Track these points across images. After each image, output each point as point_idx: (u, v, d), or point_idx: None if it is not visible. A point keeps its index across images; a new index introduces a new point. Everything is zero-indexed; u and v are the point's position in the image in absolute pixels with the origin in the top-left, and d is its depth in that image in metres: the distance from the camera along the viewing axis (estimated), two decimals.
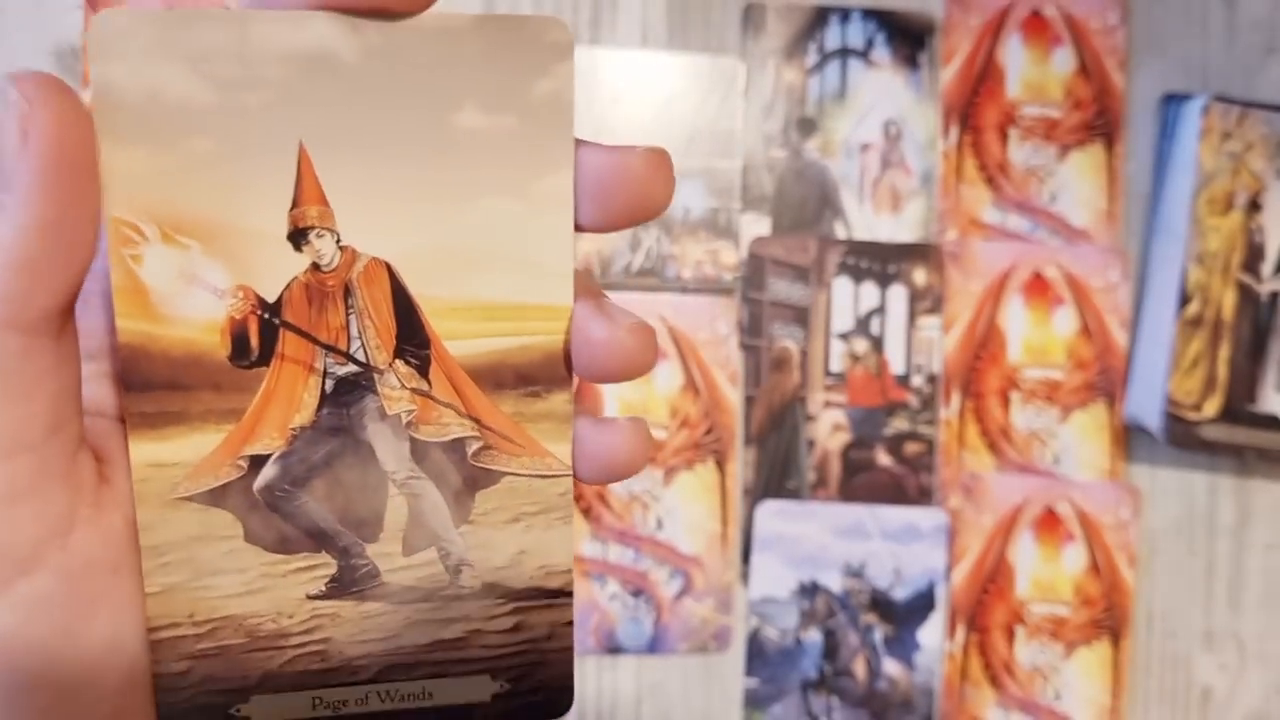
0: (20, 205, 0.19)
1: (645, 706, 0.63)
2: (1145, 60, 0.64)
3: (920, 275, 0.63)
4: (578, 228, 0.23)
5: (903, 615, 0.63)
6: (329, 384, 0.23)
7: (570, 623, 0.25)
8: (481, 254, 0.23)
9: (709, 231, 0.62)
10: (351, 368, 0.23)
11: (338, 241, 0.22)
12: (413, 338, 0.23)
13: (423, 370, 0.23)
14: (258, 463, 0.23)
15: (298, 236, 0.22)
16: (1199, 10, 0.64)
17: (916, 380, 0.64)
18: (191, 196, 0.21)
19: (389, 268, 0.23)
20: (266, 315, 0.22)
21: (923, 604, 0.63)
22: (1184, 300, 0.61)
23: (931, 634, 0.64)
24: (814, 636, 0.63)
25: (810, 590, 0.63)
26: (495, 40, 0.22)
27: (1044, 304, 0.64)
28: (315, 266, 0.22)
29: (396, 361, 0.23)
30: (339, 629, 0.24)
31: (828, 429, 0.63)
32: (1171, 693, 0.66)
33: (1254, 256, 0.62)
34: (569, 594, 0.25)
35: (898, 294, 0.63)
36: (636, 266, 0.62)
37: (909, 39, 0.63)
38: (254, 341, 0.22)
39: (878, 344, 0.63)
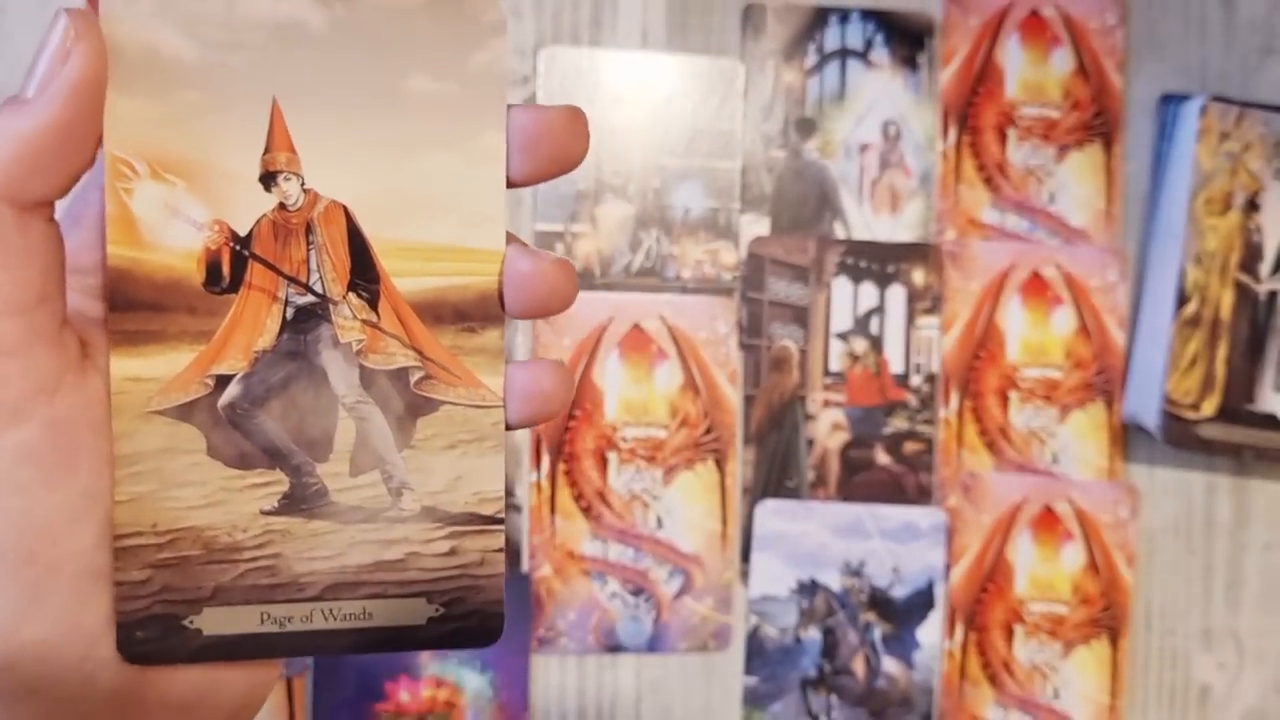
0: (44, 107, 0.22)
1: (645, 705, 0.63)
2: (1143, 61, 0.65)
3: (919, 275, 0.63)
4: (510, 181, 0.26)
5: (902, 614, 0.64)
6: (289, 312, 0.26)
7: (501, 550, 0.27)
8: (425, 201, 0.26)
9: (709, 231, 0.62)
10: (310, 298, 0.26)
11: (302, 185, 0.25)
12: (364, 273, 0.26)
13: (372, 303, 0.26)
14: (223, 382, 0.25)
15: (268, 179, 0.25)
16: (1197, 11, 0.65)
17: (915, 380, 0.64)
18: (179, 140, 0.24)
19: (346, 210, 0.25)
20: (238, 247, 0.25)
21: (922, 602, 0.64)
22: (1182, 300, 0.61)
23: (930, 632, 0.64)
24: (813, 635, 0.63)
25: (810, 589, 0.63)
26: (440, 18, 0.25)
27: (1042, 304, 0.64)
28: (282, 206, 0.25)
29: (349, 294, 0.26)
30: (288, 545, 0.26)
31: (827, 428, 0.63)
32: (1170, 691, 0.66)
33: (1252, 256, 0.62)
34: (500, 521, 0.27)
35: (896, 294, 0.64)
36: (636, 266, 0.62)
37: (908, 40, 0.63)
38: (225, 270, 0.25)
39: (877, 343, 0.64)
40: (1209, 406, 0.62)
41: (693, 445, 0.62)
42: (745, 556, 0.63)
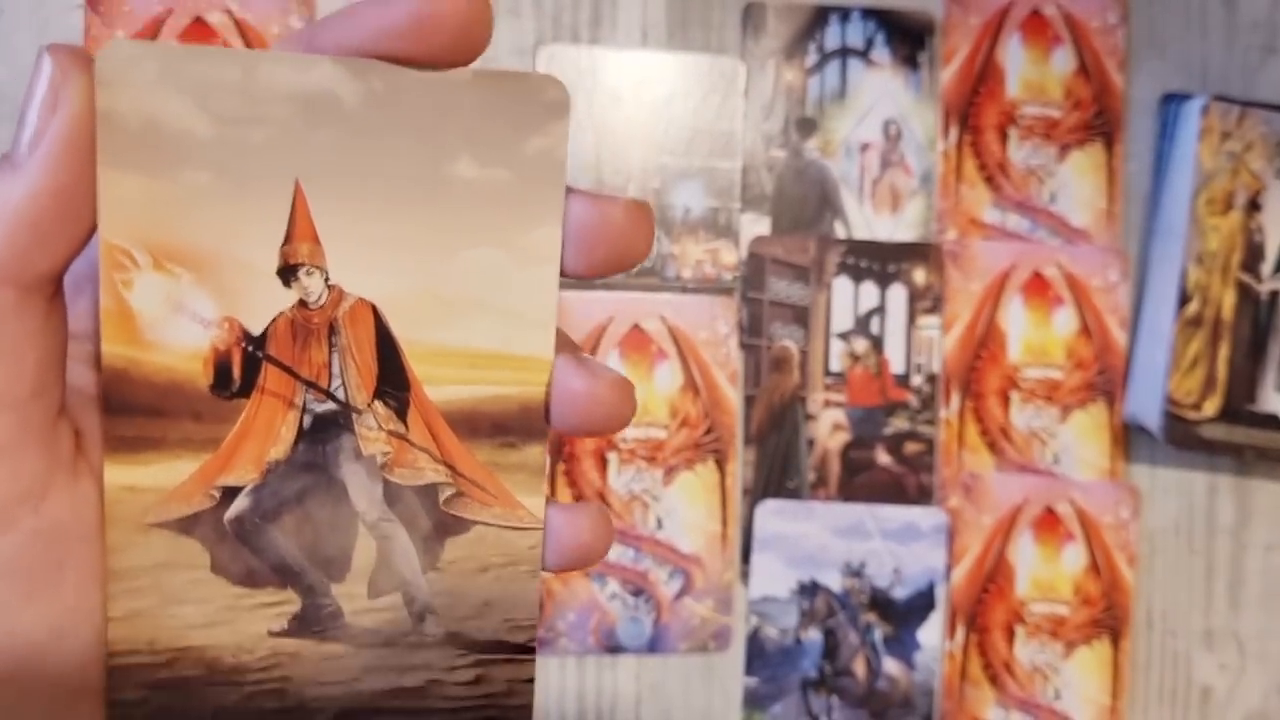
0: (39, 168, 0.20)
1: (645, 706, 0.63)
2: (1145, 60, 0.64)
3: (920, 275, 0.63)
4: (561, 274, 0.23)
5: (902, 615, 0.63)
6: (307, 420, 0.23)
7: (531, 680, 0.25)
8: (466, 302, 0.23)
9: (709, 231, 0.62)
10: (331, 405, 0.23)
11: (326, 280, 0.23)
12: (393, 380, 0.23)
13: (401, 413, 0.23)
14: (230, 494, 0.23)
15: (287, 272, 0.22)
16: (1198, 10, 0.65)
17: (916, 380, 0.64)
18: (185, 226, 0.21)
19: (374, 309, 0.23)
20: (250, 348, 0.22)
21: (922, 603, 0.63)
22: (1183, 300, 0.61)
23: (931, 633, 0.64)
24: (814, 636, 0.63)
25: (810, 590, 0.63)
26: (493, 95, 0.22)
27: (1044, 304, 0.64)
28: (302, 303, 0.23)
29: (375, 402, 0.23)
30: (298, 668, 0.24)
31: (827, 428, 0.63)
32: (1171, 692, 0.66)
33: (1253, 256, 0.62)
34: (532, 649, 0.25)
35: (897, 294, 0.63)
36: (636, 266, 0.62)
37: (909, 39, 0.63)
38: (236, 373, 0.23)
39: (877, 343, 0.63)
40: (1210, 407, 0.62)
41: (693, 446, 0.62)
42: (745, 557, 0.63)
